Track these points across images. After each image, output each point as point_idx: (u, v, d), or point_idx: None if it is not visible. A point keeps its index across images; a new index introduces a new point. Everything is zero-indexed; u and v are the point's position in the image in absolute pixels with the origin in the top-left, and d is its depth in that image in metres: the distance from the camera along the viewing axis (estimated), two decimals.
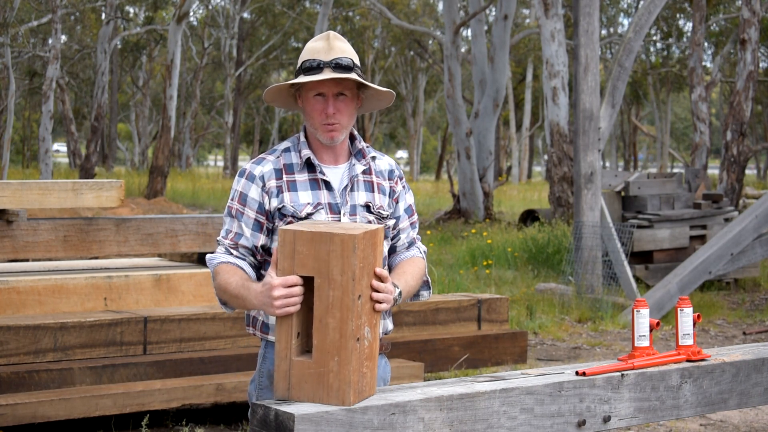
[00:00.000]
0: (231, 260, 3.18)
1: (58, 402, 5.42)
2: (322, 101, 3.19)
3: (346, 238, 2.83)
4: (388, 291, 2.94)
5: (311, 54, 3.20)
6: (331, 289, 2.84)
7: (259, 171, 3.21)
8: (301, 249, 2.87)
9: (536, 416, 3.06)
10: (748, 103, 18.46)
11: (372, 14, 40.13)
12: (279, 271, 2.90)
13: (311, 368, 2.84)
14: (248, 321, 3.29)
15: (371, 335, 2.92)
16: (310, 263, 2.86)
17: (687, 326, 3.41)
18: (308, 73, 3.17)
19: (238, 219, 3.20)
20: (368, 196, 3.27)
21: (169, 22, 27.50)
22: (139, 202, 20.04)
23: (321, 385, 2.82)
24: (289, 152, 3.25)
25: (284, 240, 2.88)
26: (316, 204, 3.18)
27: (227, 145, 42.42)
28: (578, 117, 11.44)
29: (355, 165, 3.27)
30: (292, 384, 2.85)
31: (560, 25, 17.50)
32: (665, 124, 45.75)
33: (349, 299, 2.83)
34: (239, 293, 3.06)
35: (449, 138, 45.72)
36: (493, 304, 7.21)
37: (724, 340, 9.88)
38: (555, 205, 17.17)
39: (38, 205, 6.30)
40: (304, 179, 3.21)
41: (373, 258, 2.93)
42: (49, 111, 25.89)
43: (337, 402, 2.79)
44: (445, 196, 29.45)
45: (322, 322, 2.84)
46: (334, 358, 2.82)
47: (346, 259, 2.83)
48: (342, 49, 3.20)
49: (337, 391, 2.80)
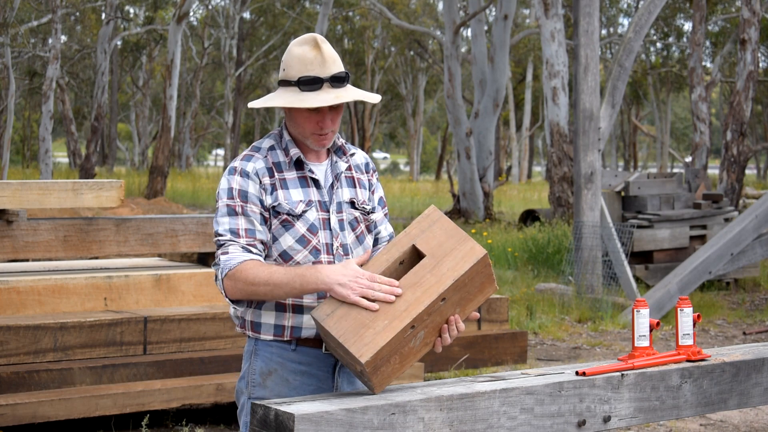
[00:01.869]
0: (255, 258, 3.08)
1: (58, 402, 5.42)
2: (317, 115, 3.16)
3: (479, 250, 2.99)
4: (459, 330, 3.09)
5: (304, 66, 3.14)
6: (431, 273, 2.96)
7: (252, 168, 3.17)
8: (437, 230, 3.03)
9: (536, 416, 3.06)
10: (748, 103, 18.46)
11: (372, 14, 40.13)
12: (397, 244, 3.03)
13: (361, 315, 2.90)
14: (238, 321, 3.27)
15: (417, 343, 2.98)
16: (432, 244, 3.01)
17: (687, 326, 3.41)
18: (306, 88, 3.13)
19: (246, 215, 3.12)
20: (351, 192, 3.27)
21: (169, 22, 27.50)
22: (139, 202, 20.03)
23: (357, 332, 2.89)
24: (274, 150, 3.23)
25: (429, 214, 3.06)
26: (308, 201, 3.18)
27: (227, 145, 42.41)
28: (578, 117, 11.44)
29: (337, 162, 3.27)
30: (336, 314, 2.93)
31: (560, 25, 17.50)
32: (665, 124, 45.75)
33: (436, 292, 2.93)
34: (294, 274, 3.00)
35: (449, 138, 45.75)
36: (493, 304, 7.21)
37: (724, 340, 9.88)
38: (555, 205, 17.17)
39: (38, 205, 6.29)
40: (293, 177, 3.20)
41: (476, 292, 3.07)
42: (49, 111, 25.89)
43: (355, 352, 2.85)
44: (445, 196, 29.45)
45: (401, 290, 2.94)
46: (385, 321, 2.89)
47: (464, 263, 2.97)
48: (333, 59, 3.17)
49: (365, 346, 2.86)
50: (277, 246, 3.16)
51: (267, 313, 3.18)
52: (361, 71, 45.36)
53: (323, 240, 3.18)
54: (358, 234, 3.27)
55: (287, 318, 3.16)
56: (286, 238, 3.15)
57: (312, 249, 3.16)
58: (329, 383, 3.19)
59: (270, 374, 3.18)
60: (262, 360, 3.20)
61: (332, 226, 3.20)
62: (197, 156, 59.70)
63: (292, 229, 3.15)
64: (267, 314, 3.18)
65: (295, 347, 3.18)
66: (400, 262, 3.04)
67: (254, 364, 3.21)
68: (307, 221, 3.16)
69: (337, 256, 3.19)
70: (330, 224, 3.20)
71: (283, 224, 3.15)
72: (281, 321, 3.17)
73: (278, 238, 3.15)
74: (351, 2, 39.42)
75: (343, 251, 3.20)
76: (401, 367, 2.97)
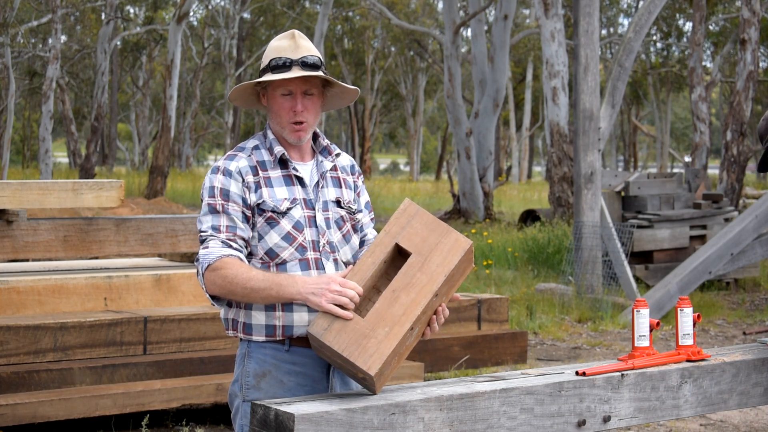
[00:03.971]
0: (234, 253, 3.12)
1: (58, 402, 5.42)
2: (290, 99, 3.21)
3: (464, 241, 2.96)
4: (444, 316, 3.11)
5: (278, 52, 3.21)
6: (421, 272, 2.94)
7: (235, 167, 3.19)
8: (417, 225, 2.99)
9: (536, 416, 3.05)
10: (748, 103, 18.46)
11: (372, 14, 40.12)
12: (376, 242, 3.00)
13: (359, 325, 2.88)
14: (228, 325, 3.26)
15: (412, 339, 2.99)
16: (416, 241, 2.98)
17: (687, 326, 3.41)
18: (276, 71, 3.19)
19: (227, 213, 3.16)
20: (337, 191, 3.30)
21: (169, 22, 27.50)
22: (139, 202, 20.02)
23: (359, 344, 2.87)
24: (259, 150, 3.25)
25: (405, 209, 3.03)
26: (293, 199, 3.20)
27: (227, 145, 42.40)
28: (578, 117, 11.44)
29: (323, 162, 3.30)
30: (333, 327, 2.90)
31: (560, 25, 17.50)
32: (665, 124, 45.74)
33: (430, 291, 2.92)
34: (272, 282, 3.02)
35: (449, 138, 45.73)
36: (493, 304, 7.21)
37: (724, 340, 9.87)
38: (555, 205, 17.17)
39: (38, 205, 6.29)
40: (278, 175, 3.22)
41: (459, 277, 3.04)
42: (49, 111, 25.88)
43: (362, 365, 2.83)
44: (445, 196, 29.45)
45: (395, 293, 2.92)
46: (385, 328, 2.88)
47: (452, 257, 2.95)
48: (308, 48, 3.22)
49: (370, 356, 2.84)
50: (263, 244, 3.17)
51: (257, 313, 3.17)
52: (361, 71, 45.36)
53: (309, 237, 3.19)
54: (345, 233, 3.28)
55: (277, 317, 3.16)
56: (272, 236, 3.16)
57: (298, 246, 3.17)
58: (324, 384, 3.19)
59: (264, 376, 3.18)
60: (255, 362, 3.19)
61: (318, 224, 3.21)
62: (197, 156, 59.69)
63: (278, 226, 3.16)
64: (257, 314, 3.17)
65: (289, 347, 3.18)
66: (384, 261, 3.02)
67: (248, 367, 3.20)
68: (293, 219, 3.18)
69: (323, 253, 3.20)
70: (316, 222, 3.21)
71: (268, 222, 3.17)
72: (272, 321, 3.16)
73: (264, 236, 3.17)
74: (351, 2, 39.42)
75: (330, 248, 3.21)
76: (398, 365, 2.99)
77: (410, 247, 2.99)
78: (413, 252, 2.97)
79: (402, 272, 2.95)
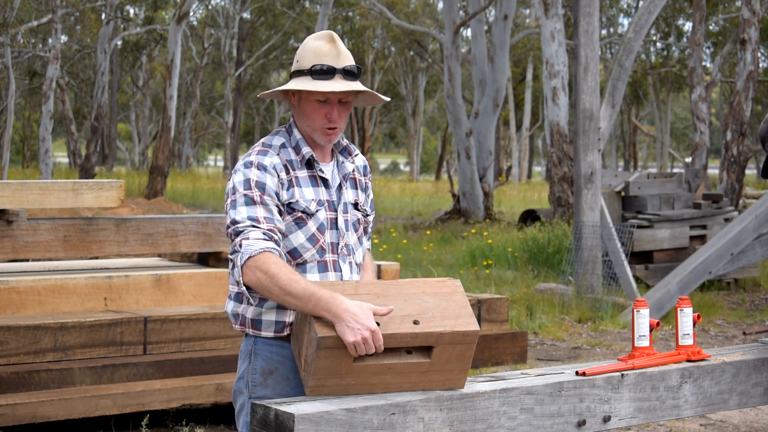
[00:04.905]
0: (275, 248, 3.04)
1: (58, 402, 5.42)
2: (326, 106, 3.18)
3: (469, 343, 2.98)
4: None
5: (319, 58, 3.17)
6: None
7: (269, 162, 3.16)
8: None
9: (536, 416, 3.05)
10: (748, 103, 18.46)
11: (372, 14, 40.12)
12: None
13: (352, 373, 2.93)
14: (236, 319, 3.23)
15: None
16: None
17: (687, 326, 3.41)
18: (318, 76, 3.15)
19: (264, 204, 3.09)
20: (354, 194, 3.30)
21: (169, 22, 27.49)
22: (139, 202, 20.02)
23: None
24: (286, 149, 3.22)
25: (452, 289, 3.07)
26: (319, 201, 3.20)
27: (227, 145, 42.41)
28: (578, 117, 11.44)
29: (344, 163, 3.30)
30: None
31: (560, 25, 17.49)
32: (665, 124, 45.74)
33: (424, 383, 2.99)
34: (312, 294, 2.94)
35: (449, 138, 45.72)
36: (493, 304, 7.21)
37: (724, 340, 9.87)
38: (555, 205, 17.16)
39: (38, 205, 6.29)
40: (305, 176, 3.21)
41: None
42: (49, 111, 25.88)
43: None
44: (445, 196, 29.44)
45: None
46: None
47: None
48: (348, 55, 3.21)
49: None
50: (287, 243, 3.15)
51: (268, 311, 3.17)
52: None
53: (329, 239, 3.19)
54: (359, 236, 3.29)
55: (288, 314, 3.16)
56: (298, 236, 3.15)
57: (319, 248, 3.17)
58: None
59: (271, 373, 3.17)
60: (262, 359, 3.18)
61: (339, 226, 3.21)
62: (197, 156, 59.69)
63: (305, 227, 3.16)
64: (268, 312, 3.17)
65: None
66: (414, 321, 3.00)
67: (254, 364, 3.19)
68: (318, 220, 3.17)
69: (341, 255, 3.20)
70: (337, 224, 3.21)
71: (296, 222, 3.16)
72: (282, 317, 3.16)
73: (289, 235, 3.15)
74: (351, 2, 39.42)
75: (347, 251, 3.22)
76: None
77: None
78: (433, 345, 2.97)
79: (419, 363, 2.98)
